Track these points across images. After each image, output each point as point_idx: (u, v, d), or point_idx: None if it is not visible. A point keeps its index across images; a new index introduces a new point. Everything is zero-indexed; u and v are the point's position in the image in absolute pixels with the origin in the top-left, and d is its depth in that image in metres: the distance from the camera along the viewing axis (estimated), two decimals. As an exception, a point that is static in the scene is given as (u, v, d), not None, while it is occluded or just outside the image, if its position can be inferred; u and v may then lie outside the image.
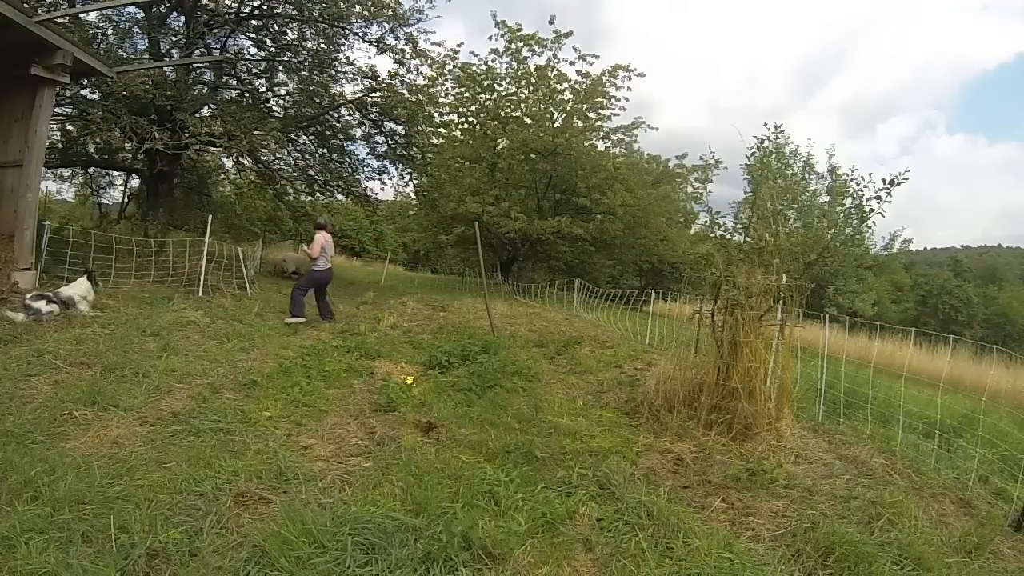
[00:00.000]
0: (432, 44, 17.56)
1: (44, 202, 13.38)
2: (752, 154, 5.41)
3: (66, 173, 16.55)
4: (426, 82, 15.87)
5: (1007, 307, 37.44)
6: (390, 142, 15.92)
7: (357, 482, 2.75)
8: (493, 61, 18.83)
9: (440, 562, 2.05)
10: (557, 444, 3.50)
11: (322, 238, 7.55)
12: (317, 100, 13.97)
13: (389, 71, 14.40)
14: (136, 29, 12.07)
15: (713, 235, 5.86)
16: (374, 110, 15.16)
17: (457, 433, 3.63)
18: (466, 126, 20.34)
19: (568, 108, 18.85)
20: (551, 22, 18.17)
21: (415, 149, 16.18)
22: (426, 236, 26.29)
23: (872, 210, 4.55)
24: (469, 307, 10.94)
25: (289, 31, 13.46)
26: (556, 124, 18.88)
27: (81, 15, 10.93)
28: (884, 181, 4.39)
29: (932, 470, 3.62)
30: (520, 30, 18.42)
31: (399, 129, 15.52)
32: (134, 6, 11.00)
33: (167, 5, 12.12)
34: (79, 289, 5.91)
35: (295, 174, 16.38)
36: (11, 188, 6.97)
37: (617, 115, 19.36)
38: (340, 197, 18.02)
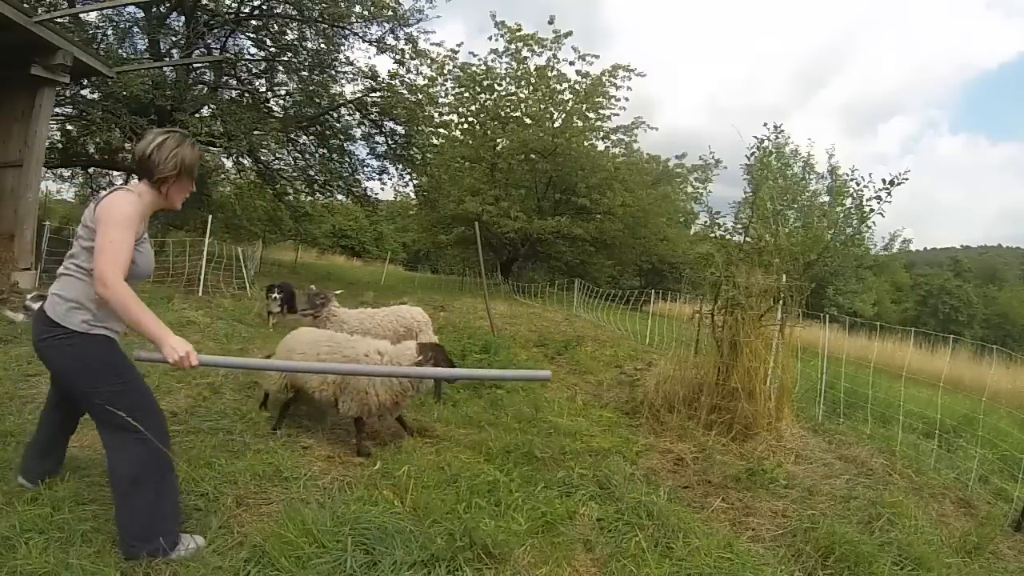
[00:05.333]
0: (432, 44, 17.58)
1: (44, 202, 13.38)
2: (752, 154, 5.39)
3: (66, 173, 16.55)
4: (426, 82, 15.88)
5: (1007, 307, 37.40)
6: (390, 142, 15.93)
7: (357, 482, 2.75)
8: (493, 61, 18.86)
9: (441, 562, 2.05)
10: (557, 444, 3.50)
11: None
12: (317, 100, 13.97)
13: (389, 71, 14.45)
14: (136, 29, 12.10)
15: (713, 235, 5.84)
16: (374, 110, 15.17)
17: (457, 433, 3.64)
18: (466, 126, 20.35)
19: (568, 108, 18.86)
20: (551, 22, 18.19)
21: (415, 149, 16.18)
22: (426, 236, 26.33)
23: (872, 210, 4.52)
24: (469, 307, 10.94)
25: (289, 31, 13.47)
26: (556, 124, 18.88)
27: (81, 15, 10.94)
28: (884, 181, 4.36)
29: (932, 470, 3.62)
30: (520, 30, 18.43)
31: (399, 129, 15.53)
32: (134, 6, 11.01)
33: (167, 5, 12.12)
34: None
35: (295, 174, 16.39)
36: (11, 188, 6.97)
37: (617, 115, 19.40)
38: (340, 197, 18.02)
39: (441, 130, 19.53)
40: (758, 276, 4.05)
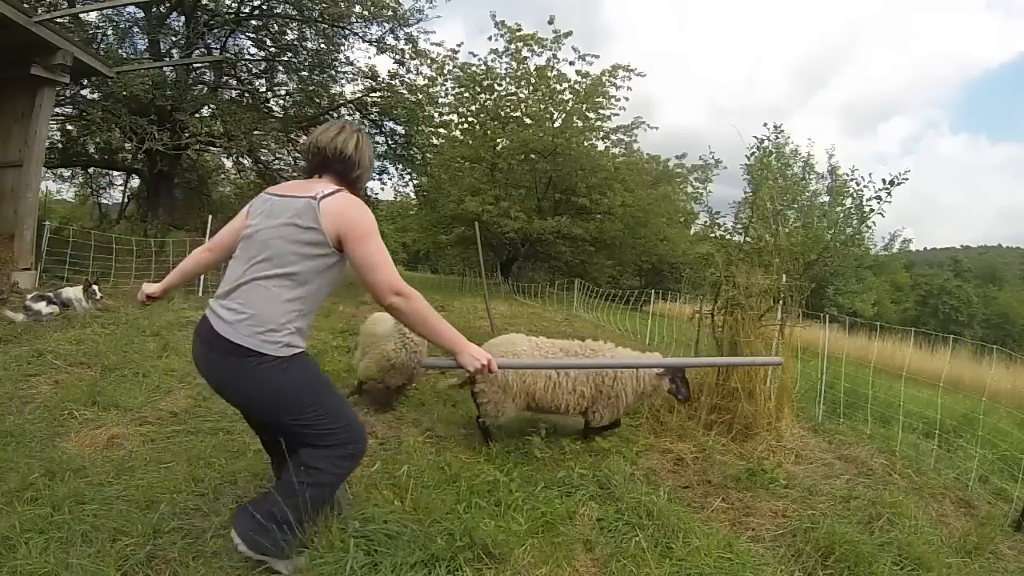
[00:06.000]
0: (432, 44, 17.58)
1: (44, 202, 13.39)
2: (752, 154, 5.40)
3: (66, 173, 16.58)
4: (426, 82, 15.89)
5: (1007, 307, 37.43)
6: (390, 142, 15.93)
7: (357, 482, 2.75)
8: (493, 61, 18.87)
9: (441, 562, 2.05)
10: (557, 444, 3.50)
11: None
12: (317, 100, 13.99)
13: (389, 71, 14.46)
14: (136, 29, 12.10)
15: (713, 235, 5.84)
16: (374, 110, 15.18)
17: (457, 433, 3.64)
18: (466, 126, 20.36)
19: (568, 108, 18.85)
20: (551, 22, 18.20)
21: (415, 149, 16.18)
22: (426, 236, 26.34)
23: (872, 210, 4.53)
24: (469, 307, 10.95)
25: (289, 31, 13.48)
26: (556, 124, 18.88)
27: (81, 15, 10.94)
28: (884, 181, 4.38)
29: (932, 470, 3.62)
30: (520, 30, 18.43)
31: (399, 129, 15.54)
32: (134, 6, 11.02)
33: (167, 5, 12.13)
34: (77, 292, 6.00)
35: (295, 174, 16.38)
36: (11, 188, 6.98)
37: (617, 115, 19.41)
38: (340, 197, 17.99)
39: (441, 130, 19.54)
40: (758, 276, 4.05)
